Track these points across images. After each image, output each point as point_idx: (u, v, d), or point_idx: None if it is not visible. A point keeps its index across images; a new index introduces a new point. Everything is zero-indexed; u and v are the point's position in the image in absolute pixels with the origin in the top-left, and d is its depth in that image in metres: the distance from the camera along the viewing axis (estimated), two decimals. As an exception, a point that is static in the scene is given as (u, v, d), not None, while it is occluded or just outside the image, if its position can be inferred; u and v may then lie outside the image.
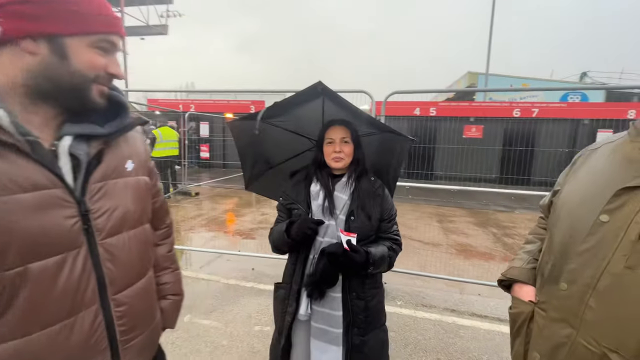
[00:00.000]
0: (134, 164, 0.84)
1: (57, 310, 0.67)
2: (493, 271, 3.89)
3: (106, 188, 0.75)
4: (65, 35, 0.65)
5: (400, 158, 1.45)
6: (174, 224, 1.12)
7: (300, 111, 1.36)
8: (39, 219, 0.62)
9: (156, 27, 24.60)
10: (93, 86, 0.71)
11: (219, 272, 3.68)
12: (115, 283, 0.76)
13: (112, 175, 0.77)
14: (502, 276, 1.08)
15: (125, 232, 0.79)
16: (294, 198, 1.34)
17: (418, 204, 7.75)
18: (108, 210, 0.74)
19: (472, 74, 20.65)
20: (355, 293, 1.28)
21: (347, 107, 1.24)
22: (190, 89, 20.12)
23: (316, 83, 1.13)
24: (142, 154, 0.90)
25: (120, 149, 0.81)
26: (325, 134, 1.33)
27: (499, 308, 3.05)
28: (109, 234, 0.74)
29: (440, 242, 5.03)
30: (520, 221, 6.53)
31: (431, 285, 3.50)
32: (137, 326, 0.82)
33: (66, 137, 0.69)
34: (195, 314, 2.80)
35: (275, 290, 1.41)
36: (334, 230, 1.25)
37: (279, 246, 1.33)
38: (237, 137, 1.43)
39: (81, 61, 0.67)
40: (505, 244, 5.06)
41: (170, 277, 1.05)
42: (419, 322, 2.79)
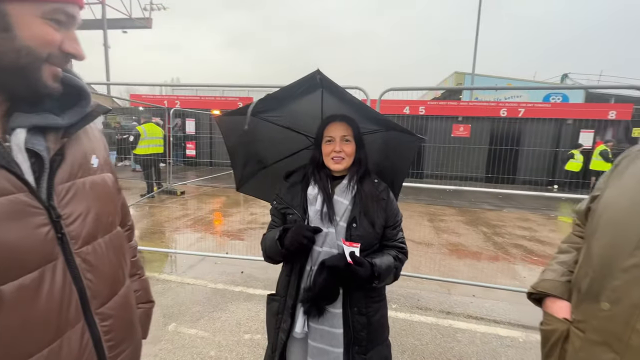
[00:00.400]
0: (98, 159, 0.74)
1: (42, 335, 0.58)
2: (486, 271, 3.88)
3: (75, 189, 0.65)
4: (8, 2, 0.52)
5: (408, 159, 1.34)
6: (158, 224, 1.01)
7: (296, 105, 1.22)
8: (8, 230, 0.52)
9: (139, 20, 23.79)
10: (45, 67, 0.58)
11: (205, 276, 3.51)
12: (97, 295, 0.68)
13: (79, 173, 0.67)
14: (532, 289, 0.98)
15: (100, 237, 0.71)
16: (289, 202, 1.20)
17: (408, 203, 7.73)
18: (81, 214, 0.66)
19: (459, 74, 20.93)
20: (357, 308, 1.16)
21: (349, 100, 1.11)
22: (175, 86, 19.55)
23: (314, 72, 1.00)
24: (103, 148, 0.80)
25: (81, 142, 0.70)
26: (324, 131, 1.20)
27: (494, 310, 3.01)
28: (84, 241, 0.66)
29: (432, 241, 4.99)
30: (508, 220, 6.59)
31: (425, 286, 3.44)
32: (124, 340, 0.76)
33: (18, 130, 0.57)
34: (180, 322, 2.63)
35: (268, 302, 1.28)
36: (333, 239, 1.13)
37: (271, 255, 1.20)
38: (226, 135, 1.28)
39: (30, 35, 0.54)
40: (496, 242, 5.07)
41: (139, 285, 0.97)
42: (415, 326, 2.71)
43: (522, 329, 2.72)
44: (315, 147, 1.24)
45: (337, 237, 1.13)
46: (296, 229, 1.09)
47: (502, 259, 4.37)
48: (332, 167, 1.19)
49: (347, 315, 1.15)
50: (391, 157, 1.35)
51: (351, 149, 1.19)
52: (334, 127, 1.19)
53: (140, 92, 12.94)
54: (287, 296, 1.18)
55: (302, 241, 1.06)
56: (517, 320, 2.85)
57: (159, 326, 2.55)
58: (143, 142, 6.79)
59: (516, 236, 5.46)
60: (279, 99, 1.11)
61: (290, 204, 1.20)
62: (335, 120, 1.20)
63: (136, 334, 0.84)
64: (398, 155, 1.33)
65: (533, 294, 0.98)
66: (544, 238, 5.36)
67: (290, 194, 1.21)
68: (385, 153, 1.36)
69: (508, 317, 2.90)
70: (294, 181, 1.24)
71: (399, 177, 1.37)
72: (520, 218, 6.79)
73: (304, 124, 1.31)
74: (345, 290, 1.13)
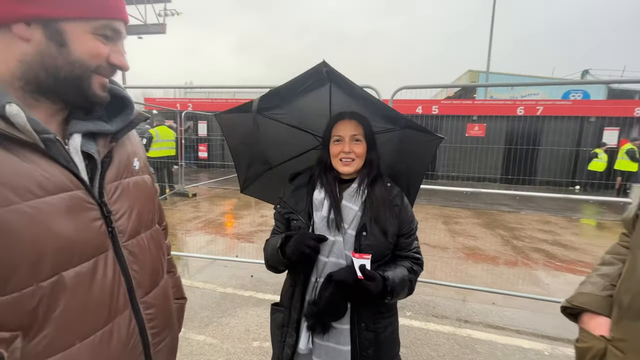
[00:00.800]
0: (139, 162, 0.81)
1: (96, 318, 0.64)
2: (506, 277, 3.69)
3: (121, 188, 0.72)
4: (63, 20, 0.59)
5: (425, 161, 1.22)
6: (169, 227, 1.07)
7: (302, 102, 1.13)
8: (70, 222, 0.60)
9: (154, 25, 24.35)
10: (94, 77, 0.65)
11: (215, 279, 3.46)
12: (141, 285, 0.74)
13: (124, 174, 0.75)
14: (567, 303, 0.87)
15: (143, 233, 0.77)
16: (293, 207, 1.11)
17: (421, 205, 7.54)
18: (127, 211, 0.72)
19: (473, 72, 20.46)
20: (365, 324, 1.06)
21: (360, 95, 1.01)
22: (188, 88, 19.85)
23: (320, 64, 0.91)
24: (142, 152, 0.87)
25: (125, 147, 0.78)
26: (332, 130, 1.11)
27: (515, 319, 2.84)
28: (130, 235, 0.73)
29: (447, 245, 4.82)
30: (527, 222, 6.33)
31: (441, 293, 3.29)
32: (164, 328, 0.81)
33: (75, 135, 0.66)
34: (189, 328, 2.58)
35: (272, 313, 1.19)
36: (341, 249, 1.04)
37: (273, 264, 1.11)
38: (228, 134, 1.21)
39: (82, 50, 0.62)
40: (515, 246, 4.85)
41: (173, 281, 1.02)
42: (431, 335, 2.58)
43: (547, 341, 2.54)
44: (323, 148, 1.15)
45: (345, 246, 1.04)
46: (299, 237, 1.00)
47: (522, 264, 4.16)
48: (340, 169, 1.10)
49: (354, 332, 1.06)
50: (407, 159, 1.24)
51: (362, 149, 1.09)
52: (342, 126, 1.09)
53: (155, 96, 13.18)
54: (292, 308, 1.09)
55: (304, 251, 0.97)
56: (541, 331, 2.68)
57: (168, 331, 2.51)
58: (155, 144, 6.86)
59: (537, 240, 5.21)
60: (282, 95, 1.02)
61: (294, 209, 1.11)
62: (344, 117, 1.10)
63: (174, 325, 0.89)
64: (414, 157, 1.22)
65: (568, 308, 0.87)
66: (566, 242, 5.10)
67: (295, 198, 1.13)
68: (400, 154, 1.25)
69: (531, 327, 2.73)
70: (299, 184, 1.15)
71: (416, 180, 1.26)
72: (541, 220, 6.51)
73: (312, 122, 1.22)
74: (353, 304, 1.04)
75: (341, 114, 1.12)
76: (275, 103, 1.09)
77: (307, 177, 1.16)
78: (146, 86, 5.27)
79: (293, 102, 1.12)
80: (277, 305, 1.19)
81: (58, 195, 0.58)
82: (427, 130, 1.09)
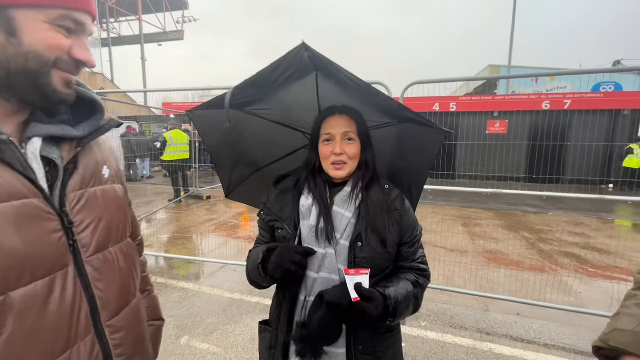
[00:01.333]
0: (109, 170, 0.75)
1: (51, 345, 0.57)
2: (532, 284, 3.41)
3: (87, 197, 0.66)
4: (12, 6, 0.54)
5: (429, 158, 1.06)
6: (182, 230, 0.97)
7: (286, 95, 0.99)
8: (21, 234, 0.53)
9: (173, 32, 25.15)
10: (54, 72, 0.59)
11: (223, 284, 3.40)
12: (107, 306, 0.67)
13: (91, 183, 0.68)
14: (602, 343, 0.69)
15: (111, 247, 0.71)
16: (277, 214, 0.98)
17: (439, 206, 7.24)
18: (92, 222, 0.66)
19: (494, 67, 19.70)
20: (363, 347, 0.92)
21: (351, 84, 0.87)
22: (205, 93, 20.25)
23: (299, 47, 0.76)
24: (114, 160, 0.80)
25: (93, 153, 0.72)
26: (321, 128, 0.98)
27: (544, 332, 2.59)
28: (95, 249, 0.66)
29: (466, 248, 4.55)
30: (555, 224, 5.92)
31: (459, 301, 3.07)
32: (134, 355, 0.74)
33: (35, 139, 0.60)
34: (193, 335, 2.51)
35: (260, 332, 1.07)
36: (333, 263, 0.90)
37: (255, 280, 0.99)
38: (205, 134, 1.09)
39: (35, 40, 0.56)
40: (542, 250, 4.51)
41: (149, 302, 0.95)
42: (449, 349, 2.38)
43: (580, 357, 2.29)
44: (311, 148, 1.01)
45: (337, 260, 0.90)
46: (281, 252, 0.87)
47: (550, 270, 3.84)
48: (332, 173, 0.96)
49: (350, 356, 0.92)
50: (408, 156, 1.09)
51: (355, 149, 0.95)
52: (333, 122, 0.95)
53: (172, 101, 13.49)
54: (279, 330, 0.97)
55: (289, 267, 0.83)
56: (572, 345, 2.42)
57: (172, 339, 2.45)
58: (169, 148, 6.96)
59: (566, 243, 4.84)
60: (260, 85, 0.88)
61: (278, 216, 0.98)
62: (334, 113, 0.96)
63: (148, 351, 0.81)
64: (417, 154, 1.07)
65: (603, 349, 0.69)
66: (600, 245, 4.70)
67: (280, 204, 0.99)
68: (400, 151, 1.10)
69: (562, 341, 2.47)
70: (284, 188, 1.01)
71: (418, 180, 1.10)
72: (570, 222, 6.07)
73: (299, 118, 1.09)
74: (348, 325, 0.90)
75: (331, 108, 0.98)
76: (253, 96, 0.96)
77: (293, 180, 1.02)
78: (161, 89, 5.36)
79: (275, 95, 0.98)
80: (265, 323, 1.07)
81: (10, 203, 0.52)
82: (431, 123, 0.93)
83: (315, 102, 1.02)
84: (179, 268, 3.84)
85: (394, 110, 0.99)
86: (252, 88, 0.90)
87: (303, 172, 1.02)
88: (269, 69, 0.82)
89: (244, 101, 0.97)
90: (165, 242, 4.74)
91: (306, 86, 0.95)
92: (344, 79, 0.84)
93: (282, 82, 0.87)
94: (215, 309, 2.91)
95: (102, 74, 17.98)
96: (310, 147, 1.02)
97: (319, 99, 1.02)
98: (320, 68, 0.87)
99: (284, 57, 0.79)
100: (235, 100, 0.89)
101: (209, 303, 3.01)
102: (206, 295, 3.17)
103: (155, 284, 3.38)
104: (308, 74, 0.90)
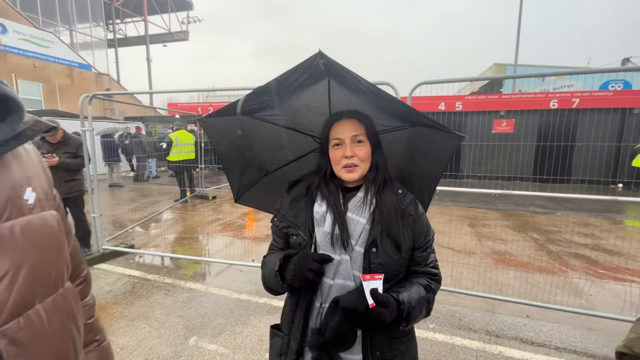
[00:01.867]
0: (36, 193, 0.57)
1: None
2: (541, 286, 3.37)
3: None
4: None
5: (441, 162, 1.05)
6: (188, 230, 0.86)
7: (297, 100, 0.99)
8: None
9: (177, 33, 25.32)
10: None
11: (230, 285, 3.41)
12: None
13: (4, 214, 0.50)
14: (627, 349, 0.68)
15: (39, 303, 0.53)
16: (292, 220, 0.98)
17: (445, 206, 7.20)
18: (6, 274, 0.48)
19: (500, 66, 19.51)
20: (379, 352, 0.92)
21: (364, 89, 0.86)
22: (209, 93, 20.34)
23: (315, 55, 0.76)
24: (43, 176, 0.61)
25: (10, 170, 0.53)
26: (329, 133, 0.97)
27: (554, 335, 2.55)
28: (12, 313, 0.48)
29: (474, 249, 4.51)
30: (564, 224, 5.84)
31: (467, 302, 3.04)
32: None
33: None
34: (201, 336, 2.52)
35: (271, 337, 1.06)
36: (348, 269, 0.89)
37: (273, 288, 0.99)
38: (216, 140, 1.09)
39: None
40: (551, 252, 4.46)
41: (97, 356, 0.76)
42: (458, 351, 2.36)
43: (592, 361, 2.26)
44: (321, 154, 1.01)
45: (352, 266, 0.89)
46: (299, 261, 0.86)
47: (559, 272, 3.80)
48: (344, 177, 0.95)
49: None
50: (419, 160, 1.07)
51: (365, 151, 0.94)
52: (341, 127, 0.95)
53: (177, 101, 13.58)
54: (291, 337, 0.96)
55: (307, 276, 0.83)
56: (584, 349, 2.38)
57: (181, 340, 2.47)
58: (175, 148, 6.99)
59: (575, 244, 4.78)
60: (273, 93, 0.88)
61: (293, 223, 0.97)
62: (342, 117, 0.96)
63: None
64: (428, 158, 1.05)
65: (626, 355, 0.68)
66: (610, 247, 4.63)
67: (294, 210, 0.99)
68: (411, 156, 1.09)
69: (572, 344, 2.44)
70: (298, 194, 1.01)
71: (430, 184, 1.10)
72: (579, 222, 5.99)
73: (309, 122, 1.08)
74: (364, 332, 0.90)
75: (338, 113, 0.98)
76: (265, 103, 0.96)
77: (304, 187, 1.02)
78: (166, 91, 5.39)
79: (286, 101, 0.98)
80: (276, 327, 1.06)
81: None
82: (443, 127, 0.92)
83: (326, 106, 1.02)
84: (186, 268, 3.86)
85: (405, 114, 0.98)
86: (265, 95, 0.89)
87: (314, 178, 1.01)
88: (283, 76, 0.82)
89: (255, 107, 0.97)
90: (172, 242, 4.77)
91: (318, 91, 0.94)
92: (356, 83, 0.83)
93: (295, 87, 0.87)
94: (223, 309, 2.92)
95: (109, 74, 18.15)
96: (320, 153, 1.02)
97: (330, 104, 1.01)
98: (333, 74, 0.86)
99: (299, 65, 0.79)
100: (246, 107, 0.89)
101: (217, 303, 3.02)
102: (214, 295, 3.18)
103: (163, 284, 3.41)
104: (320, 80, 0.89)
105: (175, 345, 2.39)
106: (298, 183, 1.05)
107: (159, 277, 3.57)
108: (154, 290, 3.26)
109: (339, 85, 0.92)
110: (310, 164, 1.09)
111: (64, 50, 15.19)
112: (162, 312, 2.84)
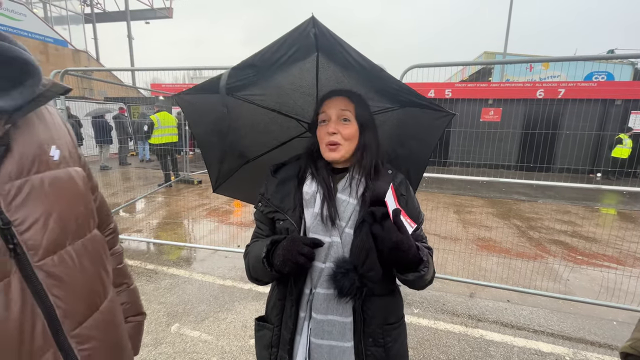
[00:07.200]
0: (60, 150, 0.62)
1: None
2: (522, 272, 3.45)
3: (29, 188, 0.54)
4: None
5: (431, 142, 1.00)
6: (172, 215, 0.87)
7: (283, 77, 0.90)
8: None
9: (161, 10, 24.01)
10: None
11: (215, 271, 3.35)
12: (70, 315, 0.58)
13: (33, 168, 0.56)
14: (631, 350, 0.65)
15: (69, 245, 0.60)
16: (278, 205, 0.91)
17: (432, 193, 7.28)
18: (39, 218, 0.55)
19: (489, 54, 19.54)
20: (372, 339, 0.89)
21: (354, 64, 0.77)
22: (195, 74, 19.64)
23: (307, 21, 0.67)
24: (67, 136, 0.67)
25: (34, 130, 0.58)
26: (319, 110, 0.92)
27: (533, 319, 2.63)
28: (47, 251, 0.56)
29: (459, 236, 4.58)
30: (545, 212, 6.00)
31: (451, 288, 3.09)
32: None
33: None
34: (183, 322, 2.47)
35: (257, 330, 1.01)
36: (339, 252, 0.85)
37: (257, 277, 0.92)
38: (193, 120, 0.99)
39: None
40: (532, 238, 4.58)
41: (127, 296, 0.88)
42: (441, 335, 2.40)
43: (568, 343, 2.33)
44: (313, 133, 0.94)
45: (343, 249, 0.84)
46: (289, 244, 0.80)
47: (539, 258, 3.90)
48: (325, 155, 0.90)
49: (359, 350, 0.88)
50: (407, 143, 1.02)
51: (350, 130, 0.88)
52: (329, 103, 0.89)
53: (161, 82, 13.04)
54: (283, 327, 0.91)
55: (298, 260, 0.77)
56: (561, 332, 2.46)
57: (162, 326, 2.41)
58: (157, 131, 6.73)
59: (555, 231, 4.92)
60: (258, 67, 0.78)
61: (279, 207, 0.91)
62: (332, 95, 0.89)
63: (125, 355, 0.74)
64: (417, 140, 1.00)
65: (631, 355, 0.65)
66: (588, 233, 4.79)
67: (280, 194, 0.92)
68: (399, 138, 1.03)
69: (551, 327, 2.52)
70: (285, 177, 0.94)
71: (419, 166, 1.05)
72: (559, 210, 6.17)
73: (294, 104, 1.00)
74: (356, 318, 0.87)
75: (330, 92, 0.91)
76: (249, 79, 0.86)
77: (294, 168, 0.95)
78: (149, 68, 5.02)
79: (271, 79, 0.88)
80: (262, 320, 1.01)
81: None
82: (434, 105, 0.86)
83: (313, 85, 0.93)
84: (169, 254, 3.77)
85: (395, 92, 0.91)
86: (250, 70, 0.79)
87: (303, 159, 0.95)
88: (272, 46, 0.72)
89: (237, 85, 0.87)
90: (155, 228, 4.65)
91: (305, 68, 0.86)
92: (346, 57, 0.75)
93: (282, 62, 0.77)
94: (207, 296, 2.87)
95: (87, 51, 17.16)
96: (311, 133, 0.95)
97: (317, 82, 0.93)
98: (323, 49, 0.77)
99: (289, 33, 0.70)
100: (230, 84, 0.79)
101: (200, 290, 2.96)
102: (197, 282, 3.12)
103: (145, 270, 3.31)
104: (309, 55, 0.80)
105: (157, 332, 2.34)
106: (284, 166, 0.98)
107: (140, 263, 3.47)
108: (136, 277, 3.16)
109: (328, 61, 0.83)
110: (295, 150, 1.01)
111: (37, 24, 14.19)
112: (143, 299, 2.73)
